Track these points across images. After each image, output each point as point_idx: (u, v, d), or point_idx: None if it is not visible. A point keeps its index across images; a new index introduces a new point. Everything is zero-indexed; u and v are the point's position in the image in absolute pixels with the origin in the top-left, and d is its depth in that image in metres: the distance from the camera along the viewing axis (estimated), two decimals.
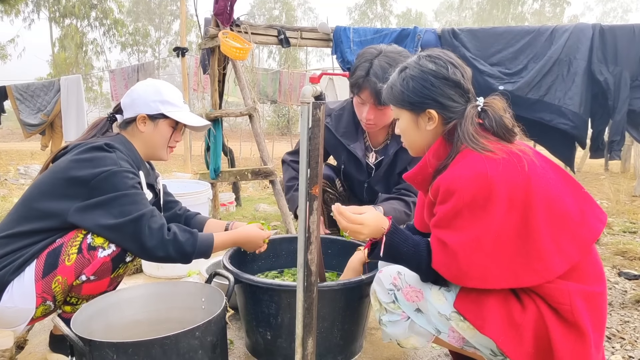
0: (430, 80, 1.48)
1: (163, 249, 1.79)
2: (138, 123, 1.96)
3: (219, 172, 4.04)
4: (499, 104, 1.48)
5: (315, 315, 1.50)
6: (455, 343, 1.49)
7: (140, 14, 34.22)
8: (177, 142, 2.09)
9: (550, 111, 3.78)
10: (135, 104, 1.96)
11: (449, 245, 1.37)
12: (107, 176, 1.74)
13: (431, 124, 1.51)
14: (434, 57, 1.52)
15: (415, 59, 1.56)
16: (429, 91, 1.48)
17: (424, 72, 1.50)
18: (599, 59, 3.72)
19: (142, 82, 2.05)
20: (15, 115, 8.09)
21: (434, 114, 1.49)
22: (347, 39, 4.30)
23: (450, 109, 1.49)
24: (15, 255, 1.72)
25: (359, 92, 2.16)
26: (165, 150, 2.05)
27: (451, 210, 1.37)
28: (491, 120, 1.44)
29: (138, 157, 1.97)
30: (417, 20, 36.06)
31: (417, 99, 1.50)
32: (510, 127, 1.44)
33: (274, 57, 33.40)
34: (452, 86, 1.48)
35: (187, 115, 2.03)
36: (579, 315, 1.32)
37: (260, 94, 8.96)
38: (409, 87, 1.51)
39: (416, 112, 1.53)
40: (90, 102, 25.41)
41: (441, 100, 1.48)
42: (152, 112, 1.95)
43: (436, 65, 1.49)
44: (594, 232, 1.40)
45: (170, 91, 2.01)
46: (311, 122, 1.42)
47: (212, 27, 3.90)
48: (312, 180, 1.44)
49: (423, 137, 1.56)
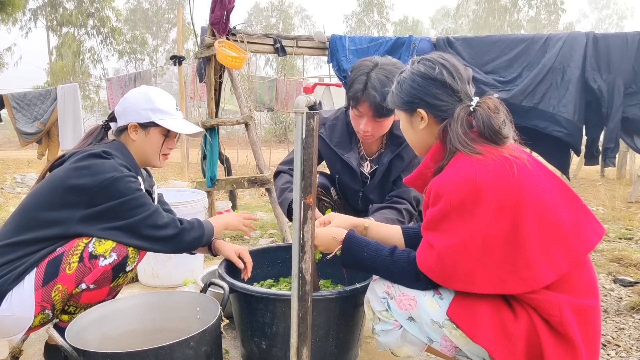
0: (417, 81, 1.55)
1: (180, 237, 1.89)
2: (130, 131, 1.96)
3: (215, 181, 4.05)
4: (492, 104, 1.48)
5: (309, 325, 1.50)
6: (448, 352, 1.49)
7: (138, 22, 34.35)
8: (170, 149, 2.08)
9: (545, 119, 3.80)
10: (126, 112, 1.96)
11: (435, 247, 1.39)
12: (111, 182, 1.76)
13: (423, 123, 1.56)
14: (426, 59, 1.57)
15: (411, 62, 1.63)
16: (416, 91, 1.55)
17: (413, 73, 1.57)
18: (593, 66, 3.74)
19: (134, 89, 2.04)
20: (12, 124, 8.09)
21: (423, 113, 1.55)
22: (342, 48, 4.33)
23: (438, 108, 1.53)
24: (14, 264, 1.71)
25: (357, 105, 2.17)
26: (158, 158, 2.04)
27: (439, 213, 1.39)
28: (479, 120, 1.45)
29: (134, 163, 1.97)
30: (414, 27, 36.25)
31: (407, 100, 1.57)
32: (497, 128, 1.43)
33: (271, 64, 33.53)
34: (438, 86, 1.52)
35: (178, 122, 2.01)
36: (568, 327, 1.32)
37: (257, 102, 8.97)
38: (402, 89, 1.59)
39: (409, 112, 1.59)
40: (88, 110, 25.42)
41: (427, 100, 1.53)
42: (143, 121, 1.95)
43: (425, 67, 1.55)
44: (587, 245, 1.40)
45: (162, 98, 2.00)
46: (305, 131, 1.43)
47: (209, 36, 3.92)
48: (306, 189, 1.45)
49: (419, 136, 1.61)
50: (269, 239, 4.31)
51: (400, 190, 2.34)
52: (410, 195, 2.31)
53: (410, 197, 2.31)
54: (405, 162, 2.32)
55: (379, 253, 1.54)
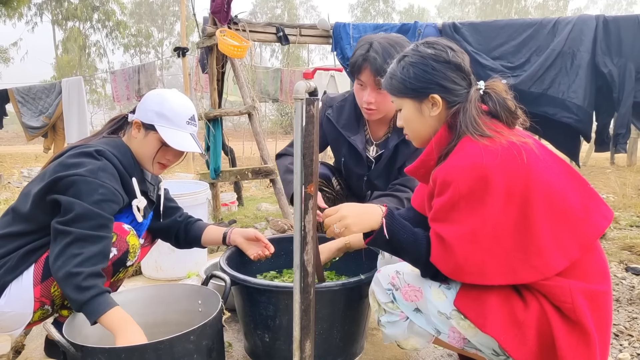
0: (431, 65, 1.45)
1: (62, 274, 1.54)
2: (133, 127, 1.90)
3: (219, 172, 4.02)
4: (500, 85, 1.46)
5: (313, 318, 1.46)
6: (456, 344, 1.45)
7: (143, 15, 34.33)
8: (168, 160, 1.94)
9: (554, 105, 3.74)
10: (140, 108, 1.91)
11: (446, 239, 1.34)
12: (77, 180, 1.65)
13: (435, 110, 1.48)
14: (431, 42, 1.50)
15: (413, 46, 1.53)
16: (431, 75, 1.45)
17: (423, 57, 1.47)
18: (603, 50, 3.67)
19: (161, 90, 1.95)
20: (17, 118, 8.09)
21: (437, 98, 1.46)
22: (346, 35, 4.26)
23: (453, 93, 1.46)
24: (11, 255, 1.69)
25: (359, 74, 2.13)
26: (151, 164, 1.91)
27: (447, 203, 1.34)
28: (495, 102, 1.41)
29: (132, 161, 1.88)
30: (420, 16, 35.96)
31: (419, 85, 1.47)
32: (513, 109, 1.42)
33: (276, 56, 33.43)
34: (453, 69, 1.45)
35: (177, 135, 1.86)
36: (581, 314, 1.28)
37: (262, 93, 8.92)
38: (409, 74, 1.48)
39: (419, 98, 1.49)
40: (95, 104, 25.51)
41: (444, 84, 1.45)
42: (146, 121, 1.87)
43: (435, 50, 1.47)
44: (597, 229, 1.36)
45: (175, 106, 1.87)
46: (305, 118, 1.38)
47: (210, 25, 3.86)
48: (307, 178, 1.40)
49: (427, 124, 1.51)
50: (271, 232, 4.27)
51: (404, 179, 2.29)
52: (414, 184, 2.26)
53: (413, 185, 2.26)
54: (411, 148, 2.27)
55: (416, 237, 1.44)
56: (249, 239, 2.09)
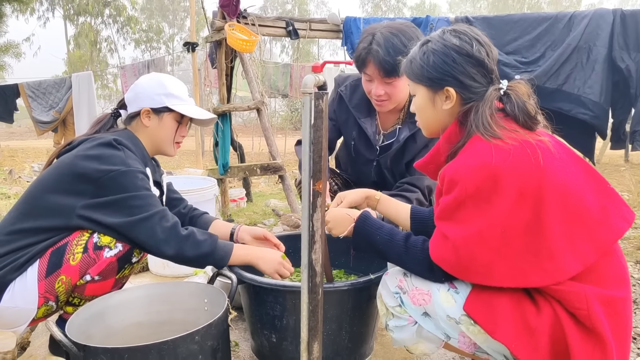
0: (452, 56, 1.38)
1: (177, 245, 1.73)
2: (142, 117, 1.92)
3: (227, 168, 3.99)
4: (524, 88, 1.39)
5: (321, 318, 1.42)
6: (466, 349, 1.40)
7: (154, 10, 34.41)
8: (183, 137, 2.04)
9: (569, 100, 3.67)
10: (139, 98, 1.92)
11: (450, 238, 1.30)
12: (116, 176, 1.70)
13: (448, 103, 1.42)
14: (460, 32, 1.42)
15: (440, 32, 1.45)
16: (450, 67, 1.38)
17: (446, 46, 1.39)
18: (620, 45, 3.59)
19: (145, 75, 2.00)
20: (28, 113, 8.14)
21: (452, 92, 1.40)
22: (357, 30, 4.20)
23: (470, 89, 1.39)
24: (17, 254, 1.68)
25: (364, 67, 2.08)
26: (171, 146, 2.00)
27: (454, 202, 1.29)
28: (513, 105, 1.35)
29: (145, 153, 1.93)
30: (431, 11, 35.67)
31: (436, 75, 1.40)
32: (533, 114, 1.35)
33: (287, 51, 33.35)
34: (474, 64, 1.38)
35: (192, 108, 1.97)
36: (597, 321, 1.23)
37: (271, 88, 8.89)
38: (429, 62, 1.41)
39: (434, 89, 1.43)
40: (106, 99, 25.64)
41: (461, 79, 1.38)
42: (156, 106, 1.91)
43: (460, 41, 1.39)
44: (615, 232, 1.30)
45: (175, 84, 1.96)
46: (314, 113, 1.33)
47: (219, 19, 3.82)
48: (315, 175, 1.35)
49: (438, 116, 1.46)
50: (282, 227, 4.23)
51: (413, 178, 2.23)
52: (423, 183, 2.20)
53: (423, 185, 2.20)
54: (419, 145, 2.21)
55: (392, 238, 1.46)
56: (257, 238, 2.06)
